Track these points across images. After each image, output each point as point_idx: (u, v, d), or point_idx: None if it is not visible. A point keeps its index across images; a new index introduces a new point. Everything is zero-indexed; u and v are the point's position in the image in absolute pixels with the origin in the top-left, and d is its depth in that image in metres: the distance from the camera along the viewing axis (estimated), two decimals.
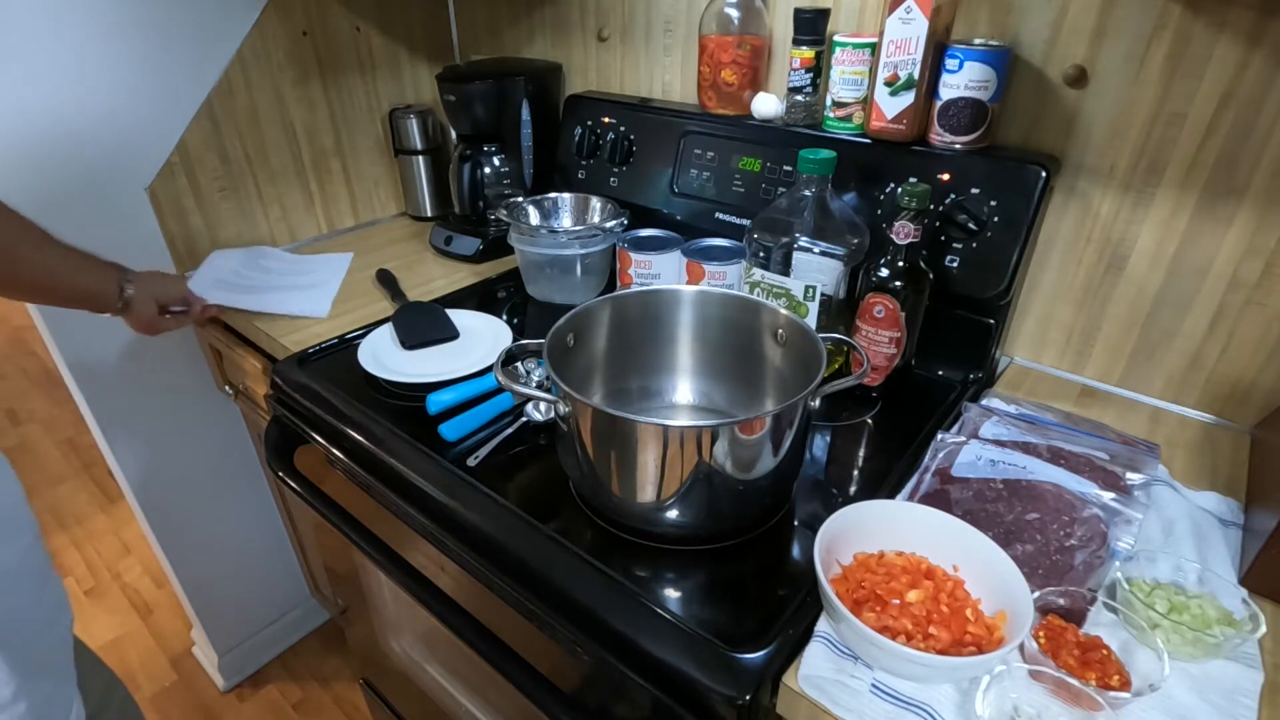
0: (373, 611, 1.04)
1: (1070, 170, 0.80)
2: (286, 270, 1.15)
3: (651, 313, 0.76)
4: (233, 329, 1.10)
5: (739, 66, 0.96)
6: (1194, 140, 0.72)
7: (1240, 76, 0.68)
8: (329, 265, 1.17)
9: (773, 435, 0.59)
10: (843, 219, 0.81)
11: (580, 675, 0.64)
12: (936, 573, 0.56)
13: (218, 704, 1.54)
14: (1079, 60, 0.76)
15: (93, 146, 1.03)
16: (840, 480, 0.73)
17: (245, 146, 1.18)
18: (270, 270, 1.14)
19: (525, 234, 1.03)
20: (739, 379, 0.77)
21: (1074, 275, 0.84)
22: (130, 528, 2.00)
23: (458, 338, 0.94)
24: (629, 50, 1.15)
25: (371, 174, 1.38)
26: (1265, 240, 0.72)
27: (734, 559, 0.63)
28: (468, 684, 0.92)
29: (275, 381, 0.90)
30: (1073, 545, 0.59)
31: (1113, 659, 0.51)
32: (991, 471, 0.66)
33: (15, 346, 2.91)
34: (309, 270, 1.15)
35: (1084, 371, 0.87)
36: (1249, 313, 0.75)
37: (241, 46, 1.12)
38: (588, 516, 0.67)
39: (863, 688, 0.51)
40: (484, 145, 1.22)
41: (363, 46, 1.28)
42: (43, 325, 1.08)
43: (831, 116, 0.89)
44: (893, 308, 0.76)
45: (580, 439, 0.62)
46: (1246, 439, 0.77)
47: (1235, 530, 0.64)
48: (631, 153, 1.10)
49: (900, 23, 0.76)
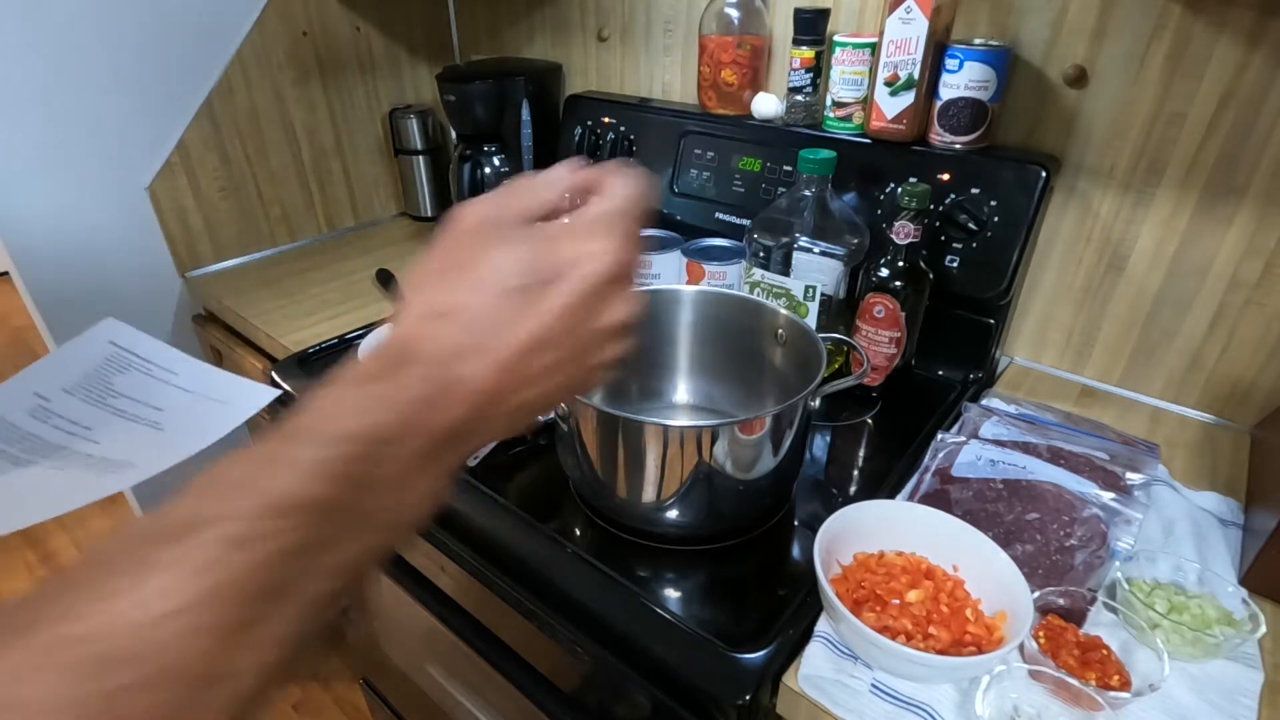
0: (373, 611, 1.04)
1: (1070, 170, 0.80)
2: (148, 391, 0.64)
3: (651, 313, 0.76)
4: (232, 329, 1.10)
5: (739, 66, 0.96)
6: (1194, 140, 0.72)
7: (1240, 76, 0.68)
8: (230, 391, 0.67)
9: (773, 435, 0.59)
10: (843, 219, 0.81)
11: (580, 675, 0.64)
12: (936, 573, 0.56)
13: None
14: (1079, 60, 0.76)
15: (93, 146, 1.03)
16: (840, 480, 0.73)
17: (245, 146, 1.18)
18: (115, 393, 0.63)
19: None
20: (739, 379, 0.77)
21: (1074, 275, 0.84)
22: None
23: None
24: (629, 50, 1.15)
25: (371, 174, 1.38)
26: (1265, 240, 0.72)
27: (734, 559, 0.63)
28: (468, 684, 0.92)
29: (275, 381, 0.90)
30: (1073, 545, 0.59)
31: (1113, 659, 0.51)
32: (991, 471, 0.66)
33: (15, 346, 2.92)
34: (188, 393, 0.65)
35: (1084, 371, 0.87)
36: (1249, 313, 0.75)
37: (241, 46, 1.12)
38: (588, 516, 0.67)
39: (863, 688, 0.51)
40: (484, 145, 1.22)
41: (363, 46, 1.28)
42: (43, 325, 1.08)
43: (831, 116, 0.89)
44: (893, 308, 0.76)
45: (580, 439, 0.62)
46: (1246, 439, 0.77)
47: (1235, 530, 0.64)
48: (631, 153, 1.10)
49: (900, 23, 0.76)
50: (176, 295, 1.18)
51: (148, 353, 0.66)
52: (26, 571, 1.90)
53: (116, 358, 0.66)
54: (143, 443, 0.60)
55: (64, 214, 1.04)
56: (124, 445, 0.59)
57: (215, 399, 0.65)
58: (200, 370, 0.67)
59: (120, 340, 0.66)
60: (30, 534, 2.01)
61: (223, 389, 0.67)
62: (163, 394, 0.64)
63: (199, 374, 0.67)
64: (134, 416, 0.62)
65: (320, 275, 1.17)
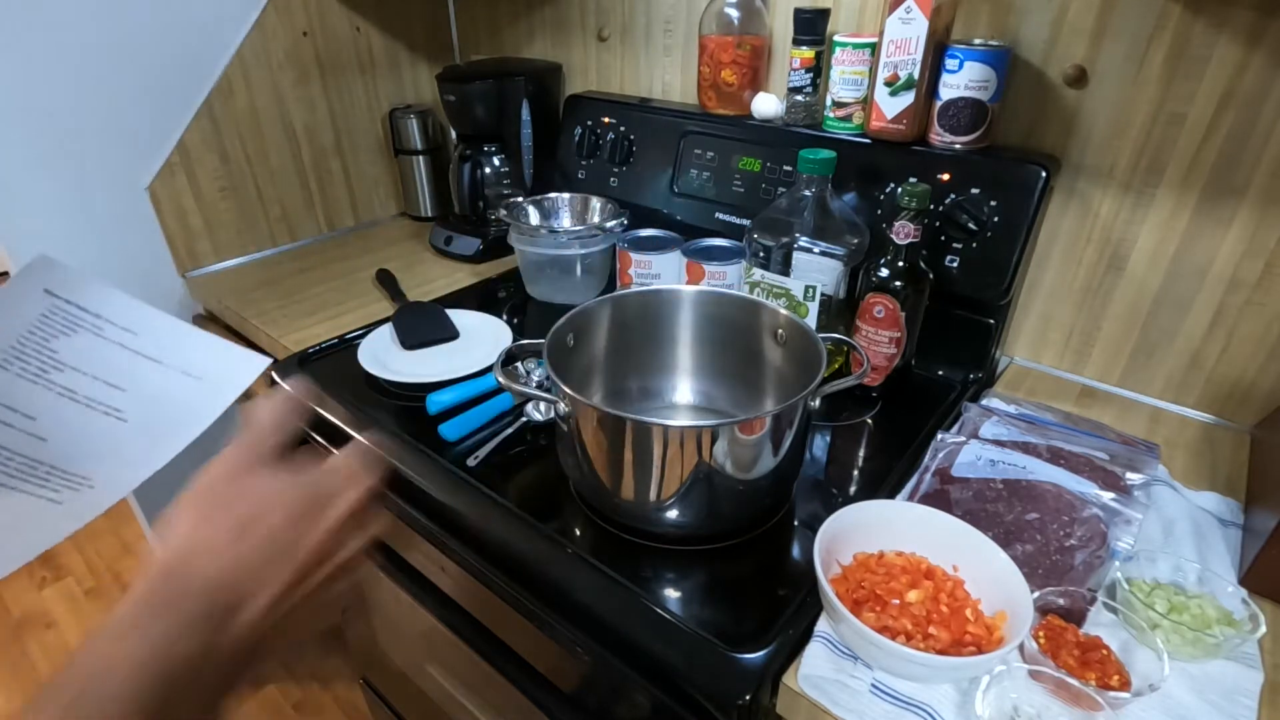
0: (373, 611, 1.04)
1: (1070, 170, 0.80)
2: (102, 362, 0.49)
3: (651, 313, 0.76)
4: (233, 329, 1.10)
5: (739, 66, 0.96)
6: (1194, 140, 0.72)
7: (1240, 76, 0.68)
8: (209, 362, 0.52)
9: (773, 435, 0.59)
10: (843, 219, 0.81)
11: (580, 675, 0.64)
12: (936, 573, 0.56)
13: None
14: (1079, 60, 0.76)
15: (93, 146, 1.03)
16: (840, 480, 0.73)
17: (245, 146, 1.18)
18: (59, 365, 0.47)
19: (525, 234, 1.03)
20: (739, 379, 0.77)
21: (1074, 275, 0.84)
22: (130, 528, 1.99)
23: (458, 338, 0.94)
24: (629, 50, 1.15)
25: (371, 174, 1.38)
26: (1265, 240, 0.72)
27: (734, 559, 0.63)
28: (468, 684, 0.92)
29: (275, 381, 0.90)
30: (1073, 545, 0.59)
31: (1112, 659, 0.51)
32: (991, 471, 0.66)
33: None
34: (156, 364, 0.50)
35: (1084, 371, 0.87)
36: (1249, 313, 0.75)
37: (241, 46, 1.12)
38: (588, 516, 0.67)
39: (862, 688, 0.51)
40: (484, 145, 1.22)
41: (363, 46, 1.28)
42: None
43: (831, 116, 0.89)
44: (893, 308, 0.76)
45: (580, 439, 0.62)
46: (1246, 439, 0.77)
47: (1235, 530, 0.64)
48: (631, 153, 1.10)
49: (900, 23, 0.76)
50: (177, 295, 1.18)
51: (97, 306, 0.49)
52: (26, 572, 1.90)
53: (56, 312, 0.48)
54: (102, 442, 0.47)
55: (64, 214, 1.04)
56: (78, 445, 0.46)
57: (191, 374, 0.51)
58: (167, 329, 0.51)
59: (59, 288, 0.48)
60: None
61: (199, 358, 0.51)
62: (121, 366, 0.49)
63: (166, 336, 0.51)
64: (88, 400, 0.47)
65: (320, 275, 1.17)
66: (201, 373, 0.51)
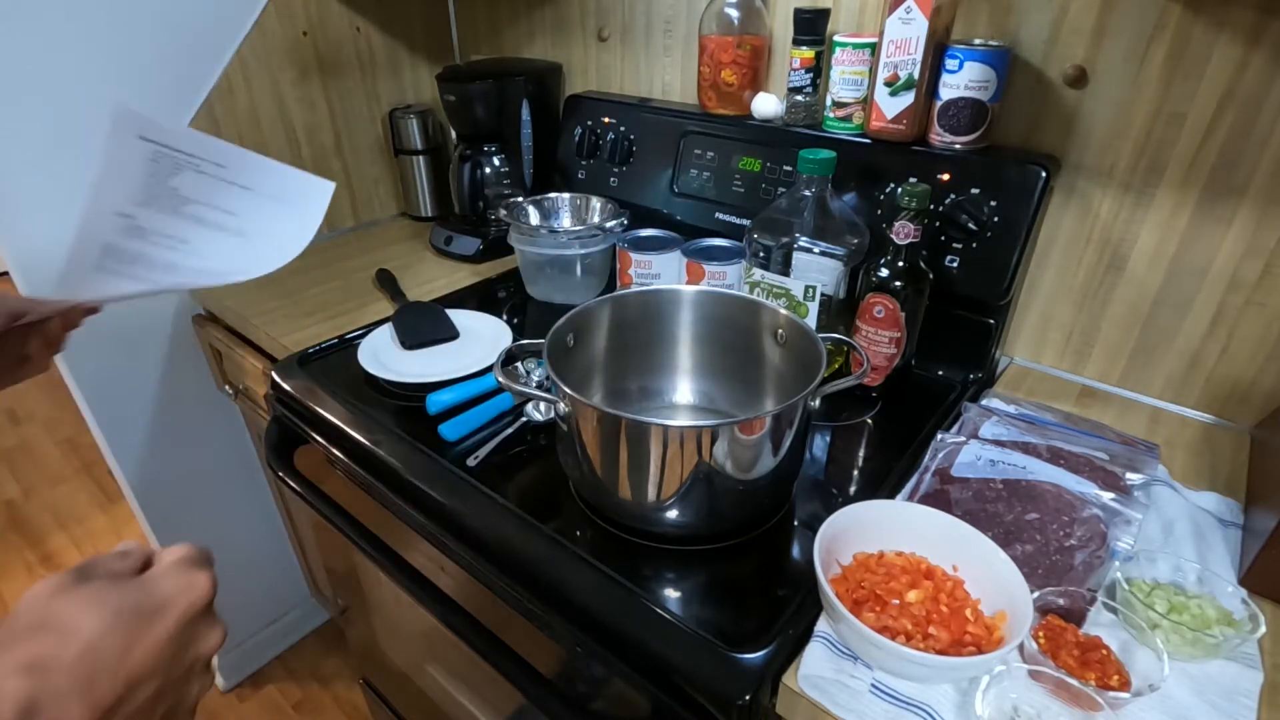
0: (373, 611, 1.04)
1: (1070, 170, 0.80)
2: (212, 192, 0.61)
3: (651, 313, 0.76)
4: (233, 329, 1.10)
5: (739, 66, 0.96)
6: (1194, 140, 0.72)
7: (1240, 76, 0.68)
8: (287, 187, 0.64)
9: (773, 435, 0.59)
10: (843, 219, 0.81)
11: (580, 675, 0.64)
12: (936, 573, 0.56)
13: (218, 704, 1.54)
14: (1079, 60, 0.76)
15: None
16: (840, 480, 0.73)
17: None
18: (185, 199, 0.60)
19: (525, 234, 1.03)
20: (739, 379, 0.77)
21: (1074, 275, 0.84)
22: (130, 528, 2.00)
23: (458, 338, 0.94)
24: (629, 50, 1.15)
25: (371, 174, 1.38)
26: (1265, 240, 0.72)
27: (734, 559, 0.63)
28: (468, 684, 0.92)
29: (275, 381, 0.90)
30: (1072, 545, 0.59)
31: (1112, 659, 0.51)
32: (991, 471, 0.66)
33: None
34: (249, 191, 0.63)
35: (1084, 371, 0.87)
36: (1249, 313, 0.75)
37: (241, 46, 1.12)
38: (588, 516, 0.67)
39: (862, 688, 0.51)
40: (484, 145, 1.22)
41: (363, 46, 1.28)
42: None
43: (831, 116, 0.89)
44: (893, 308, 0.76)
45: (580, 439, 0.62)
46: (1246, 439, 0.77)
47: (1235, 530, 0.64)
48: (631, 153, 1.10)
49: (900, 23, 0.76)
50: (177, 295, 1.18)
51: (187, 145, 0.60)
52: (26, 572, 1.90)
53: (160, 156, 0.59)
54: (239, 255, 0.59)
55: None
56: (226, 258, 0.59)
57: (278, 198, 0.63)
58: (245, 161, 0.62)
59: (150, 133, 0.58)
60: (30, 534, 2.01)
61: (278, 184, 0.63)
62: (227, 195, 0.61)
63: (246, 166, 0.62)
64: (216, 225, 0.60)
65: (320, 275, 1.17)
66: (283, 196, 0.63)
